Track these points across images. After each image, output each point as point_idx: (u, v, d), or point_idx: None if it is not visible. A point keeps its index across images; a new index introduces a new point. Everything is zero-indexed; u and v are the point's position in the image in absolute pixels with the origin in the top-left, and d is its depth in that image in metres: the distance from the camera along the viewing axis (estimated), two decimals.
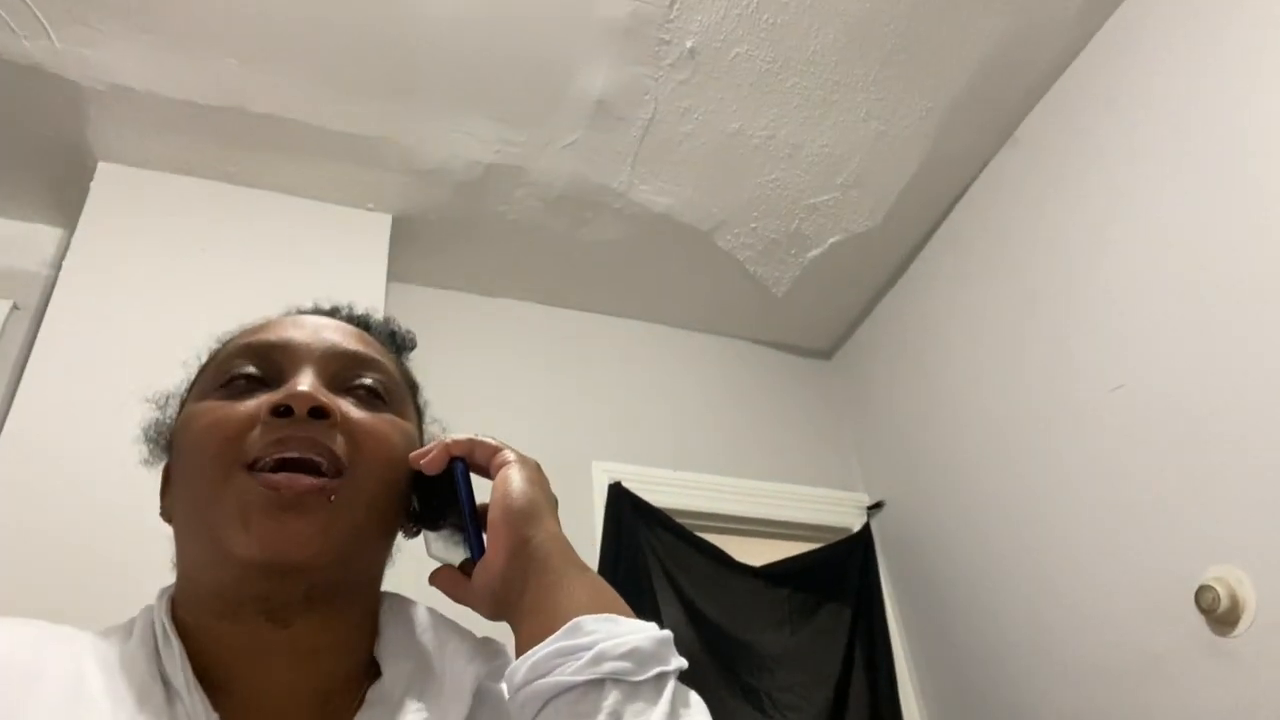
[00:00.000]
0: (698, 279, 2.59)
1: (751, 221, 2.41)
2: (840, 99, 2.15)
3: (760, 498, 2.49)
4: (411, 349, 0.80)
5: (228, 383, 0.64)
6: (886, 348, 2.69)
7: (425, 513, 0.69)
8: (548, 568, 0.59)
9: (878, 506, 2.57)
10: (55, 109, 1.94)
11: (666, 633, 0.56)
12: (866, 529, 2.53)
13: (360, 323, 0.75)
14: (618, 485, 2.27)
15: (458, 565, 0.67)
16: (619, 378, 2.57)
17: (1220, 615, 1.57)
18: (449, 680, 0.63)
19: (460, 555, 0.67)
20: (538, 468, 0.67)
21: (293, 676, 0.60)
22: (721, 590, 2.24)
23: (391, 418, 0.67)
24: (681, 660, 0.55)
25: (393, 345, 0.76)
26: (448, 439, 0.67)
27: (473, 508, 0.65)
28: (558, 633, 0.54)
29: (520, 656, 0.55)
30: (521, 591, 0.59)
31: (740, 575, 2.30)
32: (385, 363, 0.70)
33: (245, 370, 0.64)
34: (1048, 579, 1.99)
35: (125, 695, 0.54)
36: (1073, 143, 2.09)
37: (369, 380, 0.67)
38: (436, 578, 0.67)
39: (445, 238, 2.37)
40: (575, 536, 0.63)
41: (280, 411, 0.59)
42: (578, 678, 0.52)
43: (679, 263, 2.52)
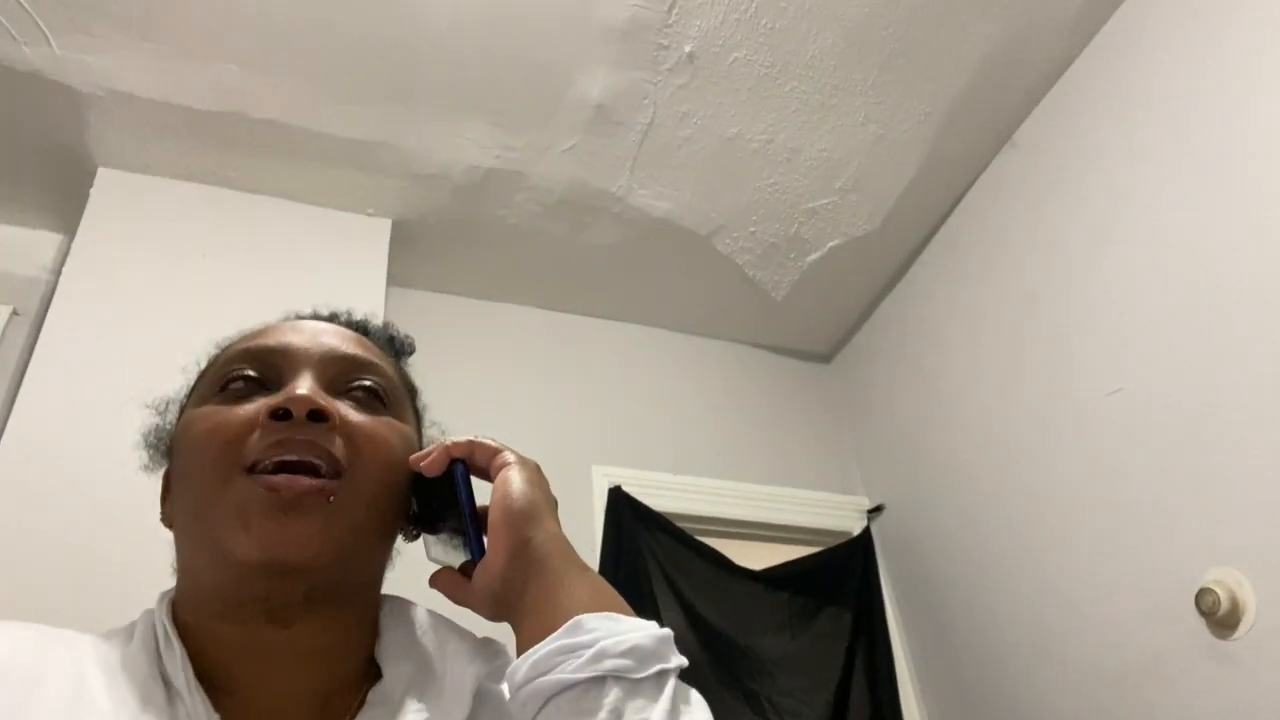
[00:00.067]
0: (697, 283, 2.59)
1: (750, 225, 2.41)
2: (839, 103, 2.16)
3: (760, 501, 2.49)
4: (410, 354, 0.80)
5: (227, 387, 0.64)
6: (886, 351, 2.69)
7: (425, 515, 0.69)
8: (548, 568, 0.60)
9: (878, 510, 2.57)
10: (55, 115, 1.94)
11: (667, 631, 0.56)
12: (866, 532, 2.53)
13: (359, 328, 0.75)
14: (618, 489, 2.27)
15: (458, 567, 0.67)
16: (619, 382, 2.57)
17: (1220, 618, 1.57)
18: (449, 681, 0.63)
19: (460, 558, 0.67)
20: (537, 469, 0.67)
21: (293, 678, 0.60)
22: (722, 594, 2.24)
23: (390, 420, 0.67)
24: (682, 658, 0.56)
25: (391, 350, 0.77)
26: (448, 441, 0.67)
27: (473, 509, 0.65)
28: (558, 631, 0.54)
29: (521, 655, 0.55)
30: (522, 591, 0.59)
31: (740, 579, 2.30)
32: (384, 366, 0.71)
33: (244, 374, 0.65)
34: (1048, 582, 1.99)
35: (127, 696, 0.55)
36: (1071, 145, 2.09)
37: (368, 383, 0.67)
38: (437, 580, 0.67)
39: (445, 242, 2.37)
40: (575, 540, 0.63)
41: (279, 414, 0.59)
42: (579, 675, 0.52)
43: (678, 267, 2.52)
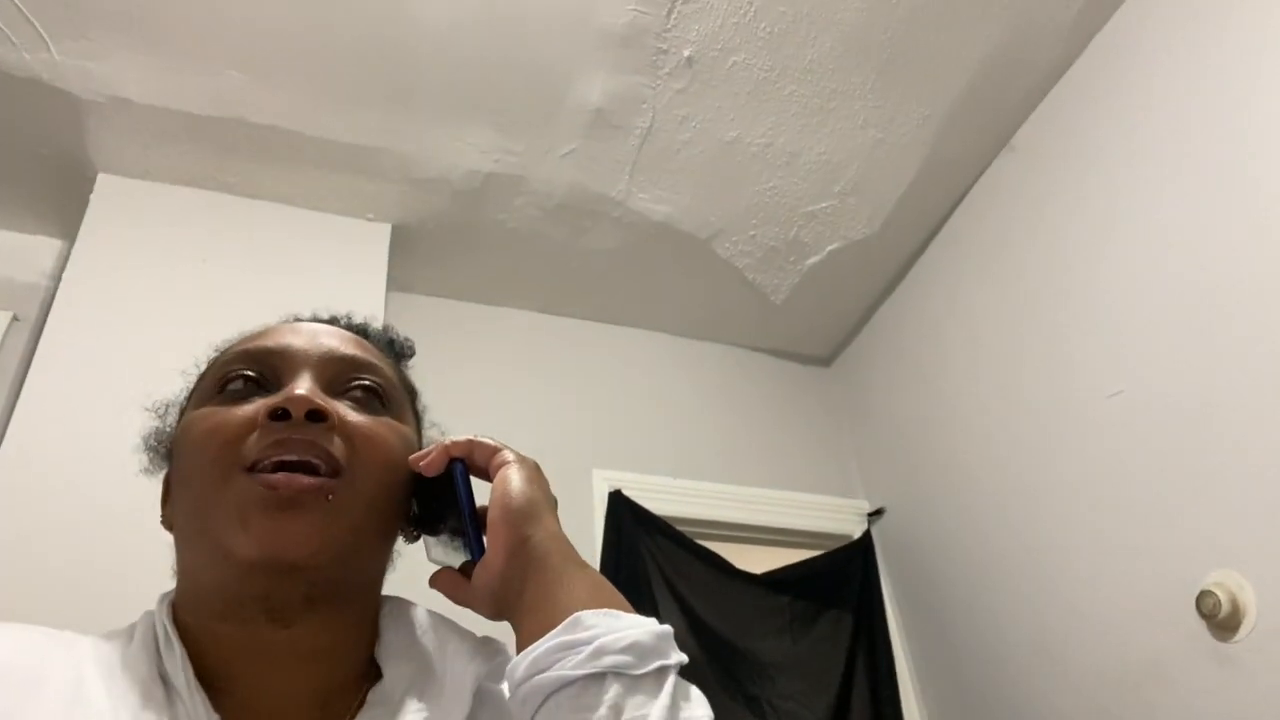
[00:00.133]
0: (696, 287, 2.59)
1: (750, 229, 2.42)
2: (838, 107, 2.16)
3: (760, 505, 2.49)
4: (410, 356, 0.80)
5: (226, 389, 0.64)
6: (885, 354, 2.69)
7: (425, 516, 0.69)
8: (547, 565, 0.60)
9: (878, 513, 2.57)
10: (55, 121, 1.95)
11: (666, 627, 0.56)
12: (867, 536, 2.53)
13: (358, 330, 0.75)
14: (618, 493, 2.27)
15: (458, 567, 0.67)
16: (619, 386, 2.57)
17: (1221, 620, 1.57)
18: (449, 681, 0.63)
19: (460, 558, 0.67)
20: (536, 467, 0.67)
21: (293, 678, 0.60)
22: (722, 598, 2.24)
23: (389, 421, 0.67)
24: (682, 655, 0.55)
25: (391, 353, 0.77)
26: (447, 440, 0.67)
27: (472, 509, 0.65)
28: (557, 628, 0.54)
29: (520, 653, 0.55)
30: (521, 590, 0.59)
31: (741, 583, 2.30)
32: (383, 367, 0.71)
33: (243, 376, 0.65)
34: (1049, 585, 1.98)
35: (126, 696, 0.55)
36: (1071, 147, 2.09)
37: (366, 384, 0.67)
38: (437, 580, 0.67)
39: (445, 247, 2.37)
40: (575, 544, 0.63)
41: (278, 415, 0.59)
42: (578, 672, 0.52)
43: (678, 271, 2.52)
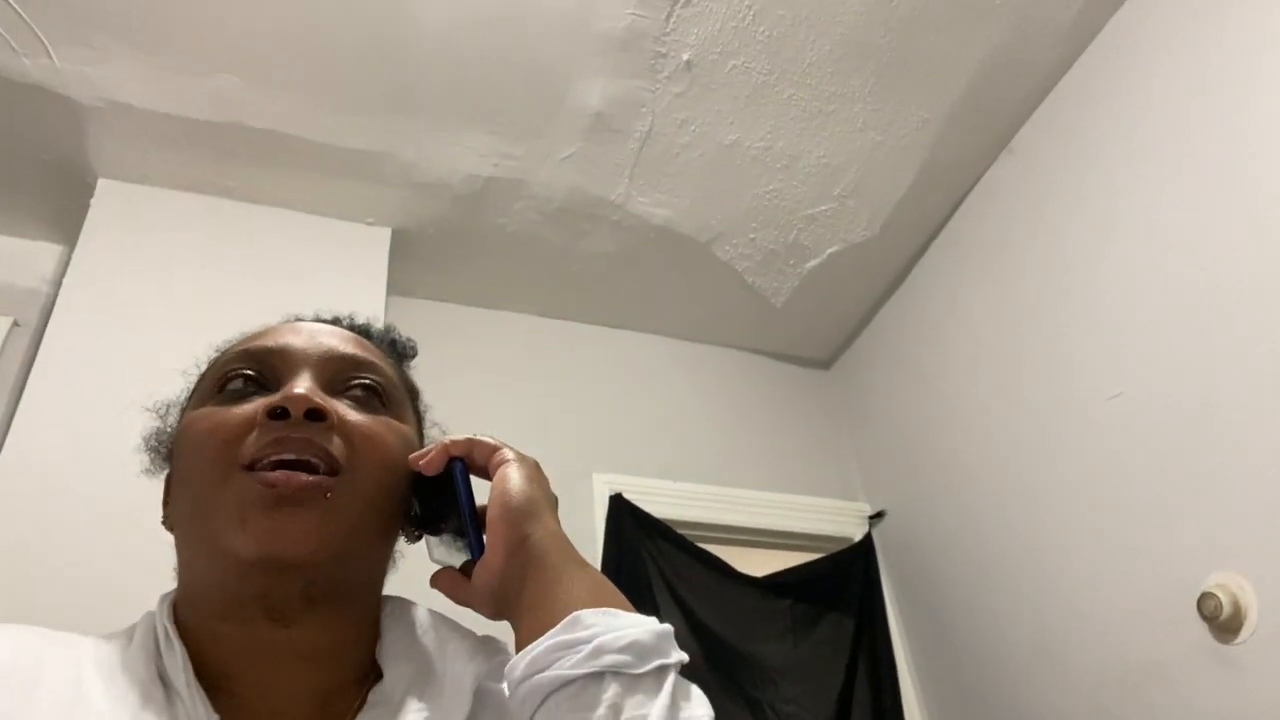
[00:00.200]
0: (696, 290, 2.59)
1: (750, 232, 2.42)
2: (837, 110, 2.16)
3: (761, 508, 2.49)
4: (412, 356, 0.80)
5: (225, 388, 0.64)
6: (885, 357, 2.69)
7: (427, 516, 0.69)
8: (546, 564, 0.59)
9: (879, 516, 2.57)
10: (55, 126, 1.95)
11: (666, 626, 0.56)
12: (868, 539, 2.53)
13: (360, 330, 0.75)
14: (619, 497, 2.27)
15: (459, 567, 0.67)
16: (619, 389, 2.57)
17: (1222, 622, 1.56)
18: (450, 680, 0.63)
19: (462, 557, 0.67)
20: (536, 466, 0.67)
21: (293, 678, 0.60)
22: (723, 601, 2.24)
23: (389, 420, 0.67)
24: (682, 654, 0.55)
25: (393, 352, 0.77)
26: (446, 439, 0.67)
27: (472, 508, 0.65)
28: (556, 627, 0.54)
29: (519, 652, 0.55)
30: (520, 589, 0.59)
31: (742, 586, 2.29)
32: (383, 366, 0.71)
33: (243, 376, 0.65)
34: (1050, 587, 1.98)
35: (125, 697, 0.55)
36: (1070, 148, 2.09)
37: (366, 383, 0.67)
38: (438, 580, 0.67)
39: (445, 251, 2.38)
40: (576, 547, 0.63)
41: (276, 414, 0.59)
42: (577, 671, 0.52)
43: (678, 274, 2.52)
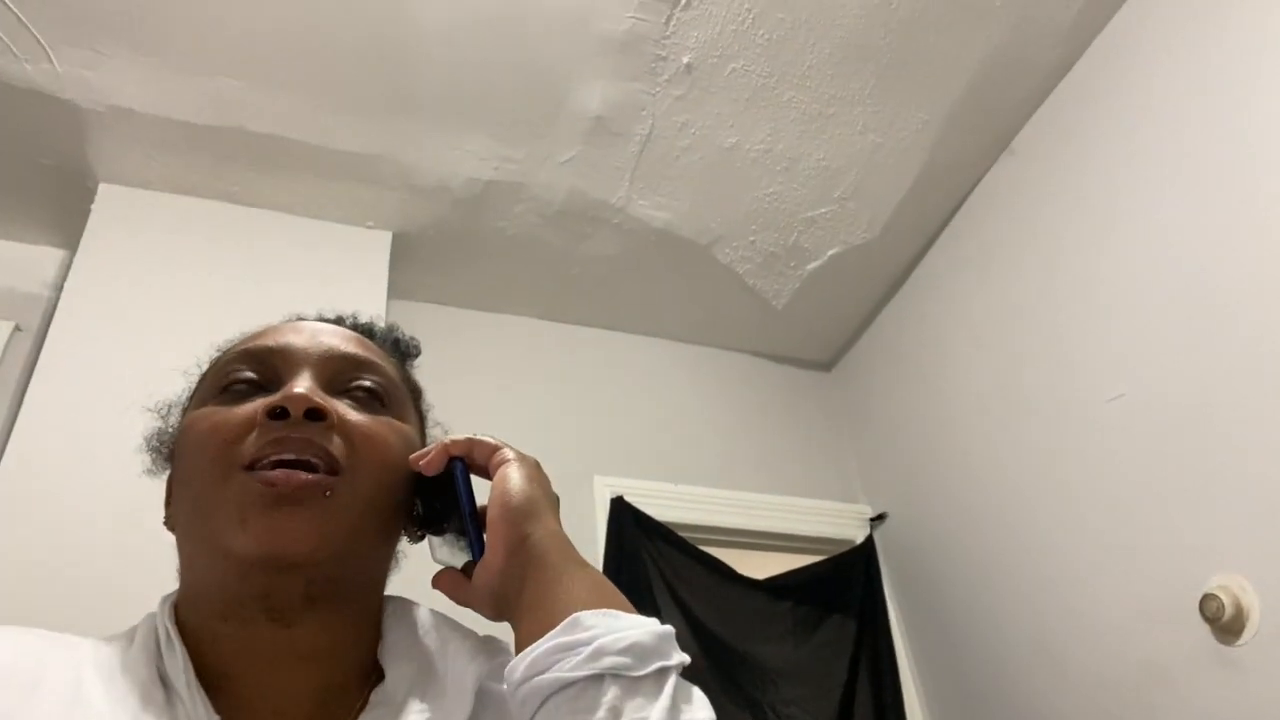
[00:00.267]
0: (697, 293, 2.59)
1: (750, 235, 2.42)
2: (836, 112, 2.17)
3: (762, 511, 2.48)
4: (415, 356, 0.80)
5: (226, 388, 0.64)
6: (887, 359, 2.69)
7: (429, 516, 0.69)
8: (546, 564, 0.59)
9: (880, 518, 2.56)
10: (56, 131, 1.95)
11: (668, 628, 0.55)
12: (869, 541, 2.52)
13: (363, 329, 0.75)
14: (620, 499, 2.27)
15: (461, 568, 0.67)
16: (620, 392, 2.57)
17: (1225, 624, 1.56)
18: (452, 681, 0.62)
19: (464, 558, 0.66)
20: (537, 465, 0.66)
21: (294, 678, 0.59)
22: (725, 603, 2.23)
23: (390, 420, 0.66)
24: (684, 655, 0.54)
25: (396, 352, 0.76)
26: (447, 439, 0.67)
27: (473, 508, 0.65)
28: (556, 629, 0.53)
29: (519, 654, 0.55)
30: (521, 589, 0.59)
31: (743, 588, 2.29)
32: (384, 366, 0.70)
33: (243, 375, 0.65)
34: (1052, 588, 1.98)
35: (125, 698, 0.54)
36: (1070, 149, 2.09)
37: (367, 383, 0.67)
38: (439, 581, 0.67)
39: (445, 254, 2.38)
40: (577, 550, 0.62)
41: (276, 414, 0.59)
42: (576, 673, 0.51)
43: (678, 277, 2.52)
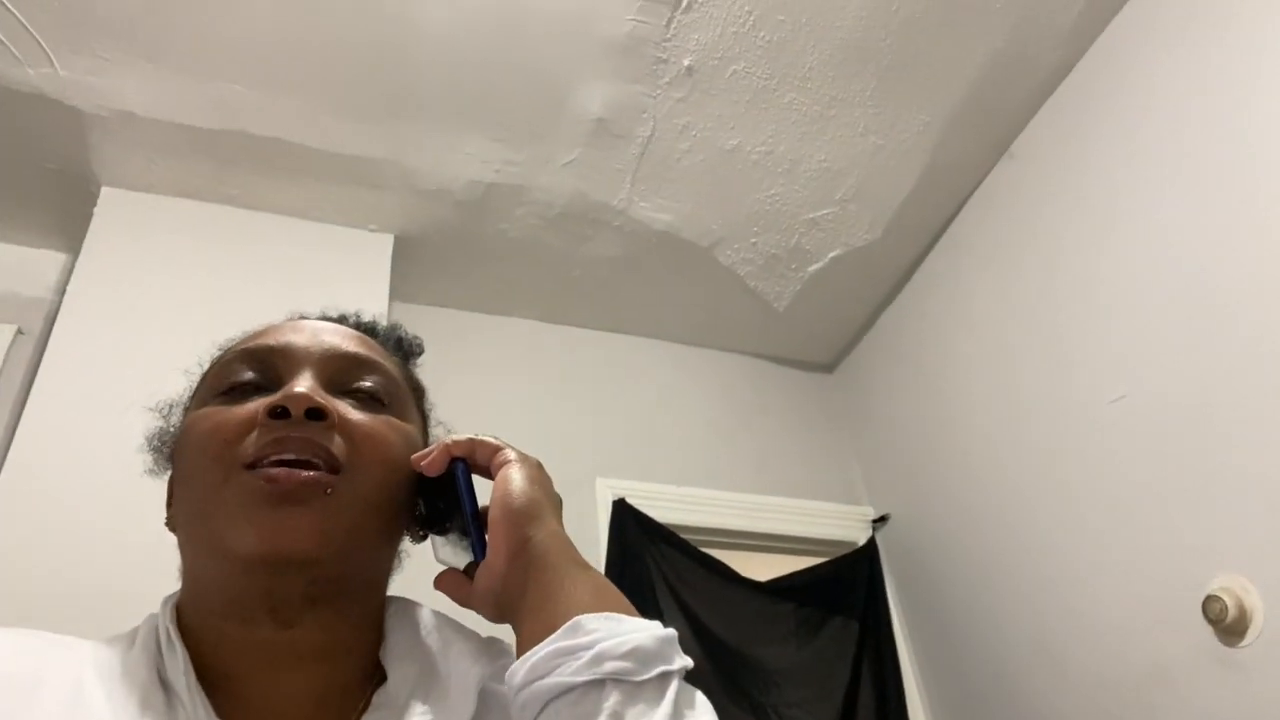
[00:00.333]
0: (699, 295, 2.59)
1: (751, 237, 2.42)
2: (837, 114, 2.17)
3: (764, 512, 2.48)
4: (418, 355, 0.80)
5: (227, 388, 0.64)
6: (888, 360, 2.68)
7: (431, 516, 0.69)
8: (548, 566, 0.58)
9: (883, 520, 2.56)
10: (59, 135, 1.96)
11: (670, 631, 0.54)
12: (872, 542, 2.52)
13: (365, 329, 0.75)
14: (622, 501, 2.27)
15: (463, 568, 0.66)
16: (622, 394, 2.57)
17: (1228, 625, 1.56)
18: (454, 682, 0.62)
19: (467, 558, 0.66)
20: (539, 466, 0.66)
21: (296, 679, 0.59)
22: (727, 605, 2.23)
23: (391, 420, 0.66)
24: (686, 659, 0.54)
25: (398, 351, 0.76)
26: (448, 440, 0.66)
27: (474, 509, 0.64)
28: (557, 632, 0.53)
29: (520, 657, 0.54)
30: (522, 592, 0.58)
31: (745, 590, 2.29)
32: (386, 365, 0.70)
33: (244, 375, 0.65)
34: (1054, 590, 1.98)
35: (126, 701, 0.54)
36: (1070, 151, 2.09)
37: (368, 383, 0.67)
38: (441, 582, 0.66)
39: (447, 257, 2.38)
40: (579, 552, 0.62)
41: (277, 413, 0.59)
42: (577, 678, 0.51)
43: (680, 279, 2.53)
